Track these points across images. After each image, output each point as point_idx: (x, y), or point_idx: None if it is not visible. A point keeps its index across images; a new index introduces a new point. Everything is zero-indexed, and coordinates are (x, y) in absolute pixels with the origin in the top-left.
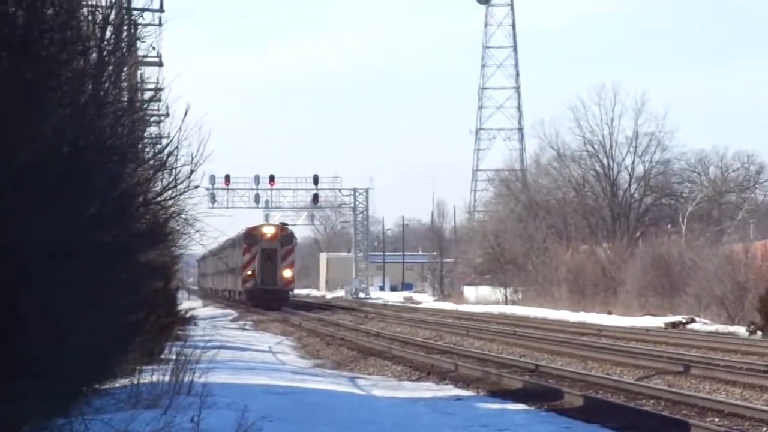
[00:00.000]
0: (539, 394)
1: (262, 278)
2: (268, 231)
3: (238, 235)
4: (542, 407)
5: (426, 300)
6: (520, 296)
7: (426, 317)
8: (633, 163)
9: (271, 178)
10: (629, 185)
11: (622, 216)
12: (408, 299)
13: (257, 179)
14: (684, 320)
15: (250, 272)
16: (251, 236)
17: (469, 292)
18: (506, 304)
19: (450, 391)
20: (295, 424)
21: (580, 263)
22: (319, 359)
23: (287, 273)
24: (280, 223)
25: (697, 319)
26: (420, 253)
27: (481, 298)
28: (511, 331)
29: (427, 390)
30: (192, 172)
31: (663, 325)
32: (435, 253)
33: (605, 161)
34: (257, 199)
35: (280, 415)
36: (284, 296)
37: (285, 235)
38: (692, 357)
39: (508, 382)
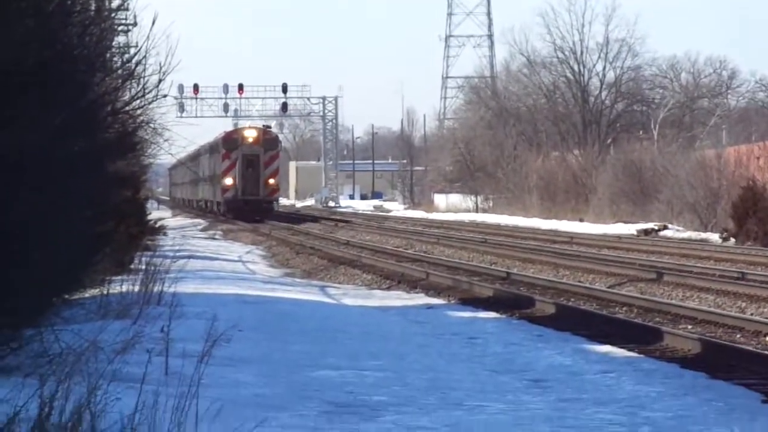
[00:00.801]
0: (510, 302)
1: (244, 187)
2: (250, 135)
3: (216, 140)
4: (514, 315)
5: (396, 208)
6: (490, 204)
7: (396, 225)
8: (604, 69)
9: (240, 87)
10: (600, 91)
11: (593, 122)
12: (378, 208)
13: (226, 88)
14: (656, 227)
15: (229, 181)
16: (231, 141)
17: (440, 200)
18: (477, 212)
19: (421, 299)
20: (265, 333)
21: (551, 170)
22: (288, 268)
23: (271, 181)
24: (263, 125)
25: (669, 226)
26: (390, 161)
27: (452, 206)
28: (482, 239)
29: (398, 299)
30: (160, 81)
31: (635, 233)
32: (405, 161)
33: (576, 68)
34: (226, 108)
35: (250, 324)
36: (268, 207)
37: (268, 139)
38: (665, 264)
39: (479, 290)
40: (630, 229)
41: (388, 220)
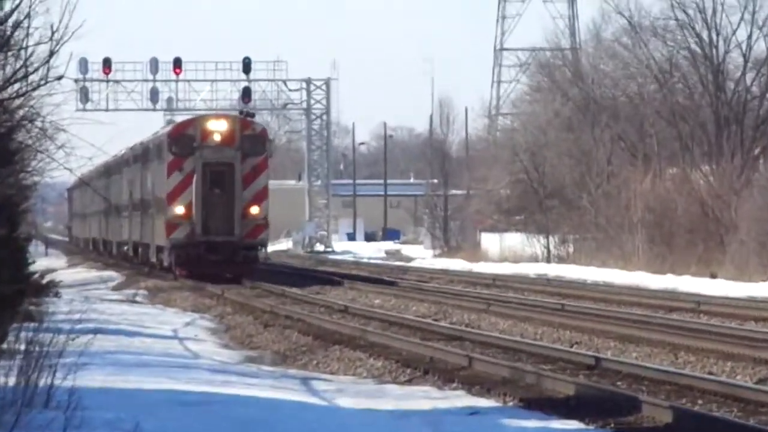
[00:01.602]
0: (602, 405)
1: (206, 221)
2: (218, 128)
3: (157, 138)
4: (607, 425)
5: (422, 255)
6: (570, 249)
7: (422, 282)
8: (750, 38)
9: (177, 64)
10: (743, 73)
11: (732, 122)
12: (393, 254)
13: (154, 65)
14: None
15: (180, 209)
16: (184, 138)
17: (490, 242)
18: (548, 261)
19: (460, 399)
20: None
21: (667, 197)
22: (252, 350)
23: (254, 210)
24: (241, 111)
25: None
26: (412, 181)
27: (510, 253)
28: (557, 305)
29: (425, 398)
30: (52, 54)
31: None
32: (436, 180)
33: (706, 35)
34: (154, 95)
35: None
36: (250, 257)
37: (250, 135)
38: None
39: (553, 385)
40: None
41: (408, 273)
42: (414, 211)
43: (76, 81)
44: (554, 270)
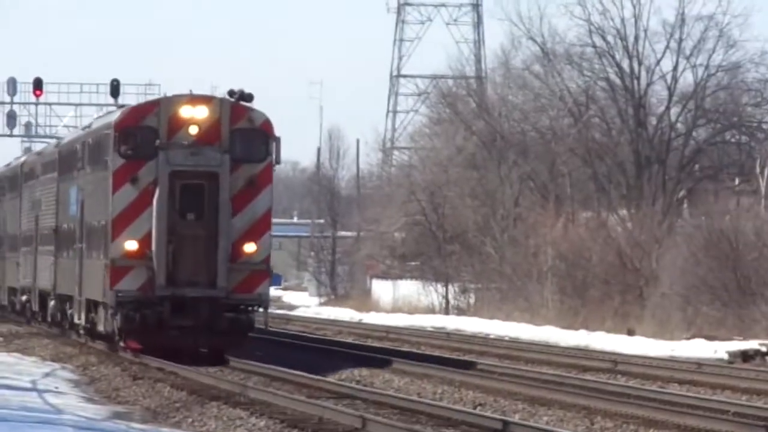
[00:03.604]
0: None
1: (173, 265)
2: (195, 116)
3: (94, 132)
4: None
5: (306, 303)
6: (471, 300)
7: (307, 333)
8: (675, 68)
9: (37, 85)
10: (668, 107)
11: (654, 162)
12: (274, 301)
13: (12, 86)
14: (764, 349)
15: (134, 245)
16: (140, 133)
17: (383, 290)
18: (447, 313)
19: None
20: None
21: (580, 244)
22: (119, 404)
23: (249, 247)
24: (232, 93)
25: None
26: (296, 220)
27: (404, 302)
28: (459, 362)
29: None
30: None
31: (726, 356)
32: (323, 220)
33: (626, 65)
34: (12, 120)
35: None
36: (239, 322)
37: (246, 129)
38: None
39: None
40: (717, 349)
41: (291, 323)
42: (297, 254)
43: None
44: (453, 322)
